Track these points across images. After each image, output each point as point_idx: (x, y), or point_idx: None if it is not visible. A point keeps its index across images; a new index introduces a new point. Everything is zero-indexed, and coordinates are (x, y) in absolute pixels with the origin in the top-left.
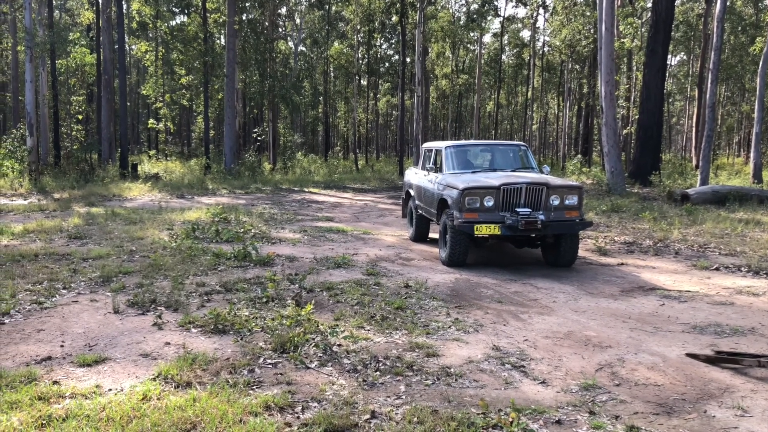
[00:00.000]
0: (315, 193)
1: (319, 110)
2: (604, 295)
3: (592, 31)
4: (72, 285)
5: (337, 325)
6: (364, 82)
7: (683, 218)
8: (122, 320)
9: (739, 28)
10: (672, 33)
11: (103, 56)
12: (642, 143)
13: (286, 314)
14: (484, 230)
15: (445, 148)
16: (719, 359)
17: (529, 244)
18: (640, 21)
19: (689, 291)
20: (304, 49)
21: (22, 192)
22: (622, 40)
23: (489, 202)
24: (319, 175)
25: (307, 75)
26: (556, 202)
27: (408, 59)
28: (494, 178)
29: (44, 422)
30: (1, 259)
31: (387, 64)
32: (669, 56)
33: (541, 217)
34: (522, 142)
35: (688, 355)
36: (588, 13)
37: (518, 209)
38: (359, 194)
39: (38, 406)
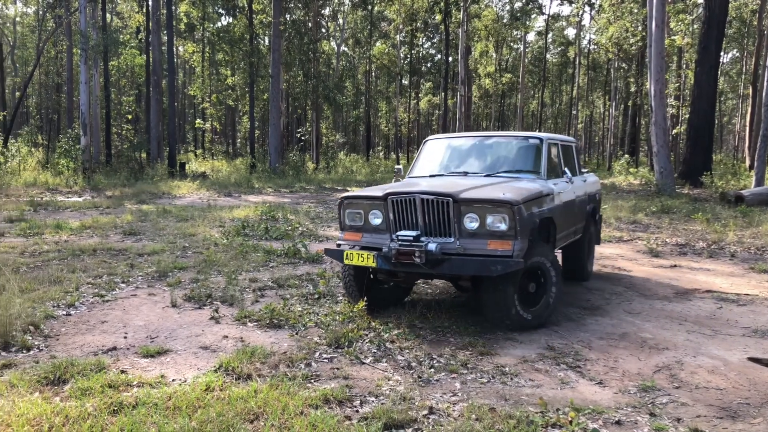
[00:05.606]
0: None
1: (361, 110)
2: (657, 297)
3: (640, 28)
4: (130, 279)
5: (390, 322)
6: (405, 82)
7: (738, 220)
8: (180, 314)
9: None
10: (725, 29)
11: (153, 57)
12: (693, 143)
13: (338, 310)
14: (355, 259)
15: (424, 142)
16: None
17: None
18: (691, 17)
19: (748, 294)
20: (346, 49)
21: (77, 189)
22: (672, 37)
23: (375, 220)
24: (361, 174)
25: (349, 75)
26: (473, 225)
27: (451, 58)
28: (421, 186)
29: (116, 409)
30: (63, 254)
31: (429, 64)
32: (721, 53)
33: (431, 246)
34: (535, 134)
35: (751, 359)
36: (636, 10)
37: (401, 233)
38: None
39: (109, 394)
